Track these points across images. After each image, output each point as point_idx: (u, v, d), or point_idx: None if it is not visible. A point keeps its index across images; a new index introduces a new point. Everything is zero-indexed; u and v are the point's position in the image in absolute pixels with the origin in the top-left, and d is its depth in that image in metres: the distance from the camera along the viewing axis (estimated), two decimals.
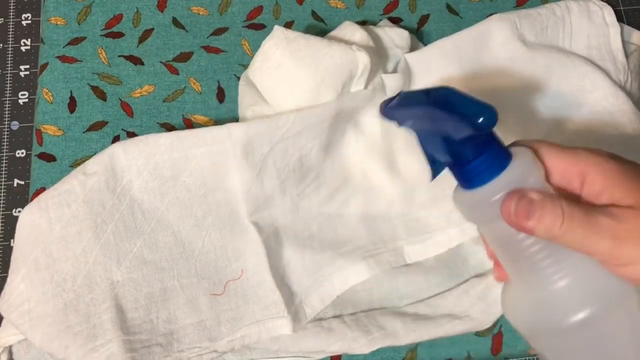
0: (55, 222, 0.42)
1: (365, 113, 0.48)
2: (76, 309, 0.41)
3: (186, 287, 0.44)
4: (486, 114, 0.28)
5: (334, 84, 0.45)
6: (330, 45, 0.46)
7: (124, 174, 0.44)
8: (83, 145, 0.50)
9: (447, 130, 0.29)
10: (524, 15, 0.51)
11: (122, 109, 0.51)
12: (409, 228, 0.48)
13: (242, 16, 0.55)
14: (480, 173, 0.29)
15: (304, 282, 0.45)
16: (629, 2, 0.59)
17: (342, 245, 0.47)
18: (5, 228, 0.53)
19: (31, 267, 0.41)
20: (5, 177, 0.55)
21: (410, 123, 0.31)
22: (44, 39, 0.53)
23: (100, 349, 0.40)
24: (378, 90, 0.47)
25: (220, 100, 0.52)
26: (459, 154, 0.30)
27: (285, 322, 0.43)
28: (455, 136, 0.29)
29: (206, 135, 0.44)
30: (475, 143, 0.29)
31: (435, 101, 0.29)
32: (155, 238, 0.44)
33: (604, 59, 0.52)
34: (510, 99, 0.50)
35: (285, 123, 0.44)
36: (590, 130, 0.49)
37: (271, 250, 0.45)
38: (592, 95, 0.50)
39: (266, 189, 0.45)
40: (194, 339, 0.43)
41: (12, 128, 0.56)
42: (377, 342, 0.44)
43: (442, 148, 0.30)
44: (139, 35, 0.54)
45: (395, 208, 0.48)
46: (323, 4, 0.56)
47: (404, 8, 0.57)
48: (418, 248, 0.47)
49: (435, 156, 0.31)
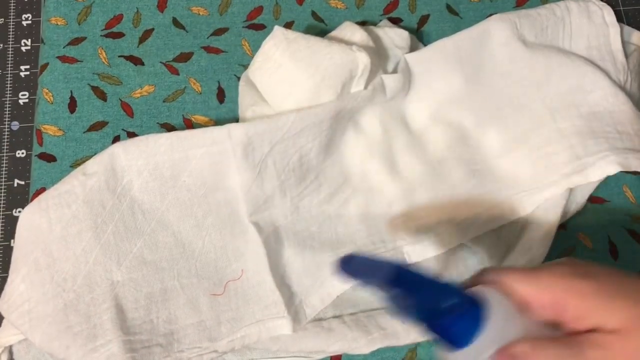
0: (55, 223, 0.42)
1: (365, 113, 0.49)
2: (76, 309, 0.41)
3: (186, 287, 0.44)
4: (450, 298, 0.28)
5: (334, 85, 0.45)
6: (331, 45, 0.46)
7: (124, 174, 0.44)
8: (83, 145, 0.50)
9: (415, 304, 0.29)
10: (523, 16, 0.51)
11: (122, 109, 0.51)
12: (408, 228, 0.48)
13: (242, 16, 0.55)
14: (461, 335, 0.28)
15: (304, 282, 0.45)
16: (628, 2, 0.59)
17: (342, 245, 0.47)
18: (5, 228, 0.53)
19: (31, 267, 0.41)
20: (6, 177, 0.55)
21: (370, 289, 0.30)
22: (44, 39, 0.53)
23: (100, 349, 0.40)
24: (378, 90, 0.47)
25: (221, 101, 0.52)
26: (435, 323, 0.29)
27: (285, 322, 0.43)
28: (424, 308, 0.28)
29: (206, 136, 0.44)
30: (449, 310, 0.28)
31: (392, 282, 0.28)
32: (156, 238, 0.44)
33: (604, 59, 0.52)
34: (510, 100, 0.51)
35: (285, 123, 0.44)
36: (590, 130, 0.49)
37: (271, 250, 0.45)
38: (591, 96, 0.50)
39: (266, 189, 0.45)
40: (194, 339, 0.43)
41: (13, 128, 0.56)
42: (377, 342, 0.44)
43: (415, 316, 0.29)
44: (139, 35, 0.54)
45: (395, 208, 0.48)
46: (323, 4, 0.56)
47: (404, 8, 0.57)
48: (418, 248, 0.47)
49: (408, 320, 0.30)
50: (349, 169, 0.49)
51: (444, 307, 0.28)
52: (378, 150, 0.49)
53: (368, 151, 0.49)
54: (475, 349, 0.28)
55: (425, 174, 0.49)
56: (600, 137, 0.48)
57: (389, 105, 0.49)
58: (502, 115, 0.50)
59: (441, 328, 0.29)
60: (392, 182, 0.48)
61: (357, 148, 0.49)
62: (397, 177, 0.49)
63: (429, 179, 0.49)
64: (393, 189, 0.48)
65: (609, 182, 0.50)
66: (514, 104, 0.50)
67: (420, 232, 0.48)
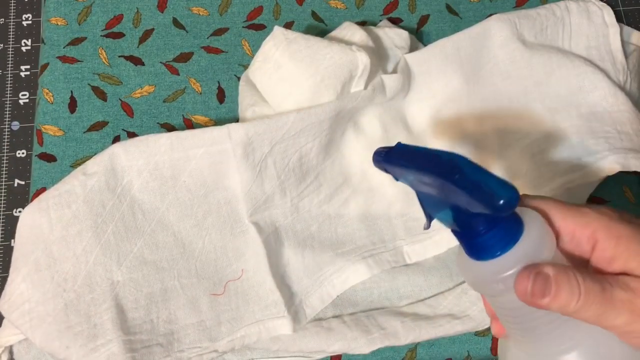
0: (55, 222, 0.42)
1: (365, 113, 0.49)
2: (77, 309, 0.41)
3: (186, 287, 0.44)
4: (507, 196, 0.25)
5: (334, 85, 0.46)
6: (330, 45, 0.46)
7: (124, 174, 0.44)
8: (83, 145, 0.50)
9: (456, 202, 0.27)
10: (523, 16, 0.51)
11: (122, 109, 0.51)
12: (408, 228, 0.48)
13: (242, 16, 0.55)
14: (492, 245, 0.27)
15: (304, 282, 0.45)
16: (628, 3, 0.59)
17: (342, 245, 0.47)
18: (5, 228, 0.54)
19: (32, 267, 0.41)
20: (6, 177, 0.55)
21: (409, 181, 0.29)
22: (45, 39, 0.53)
23: (100, 349, 0.40)
24: (378, 90, 0.47)
25: (221, 101, 0.52)
26: (468, 225, 0.27)
27: (285, 322, 0.43)
28: (466, 209, 0.26)
29: (206, 136, 0.44)
30: (489, 217, 0.26)
31: (445, 172, 0.26)
32: (156, 238, 0.44)
33: (604, 59, 0.52)
34: (510, 100, 0.51)
35: (285, 123, 0.44)
36: (590, 130, 0.49)
37: (271, 250, 0.45)
38: (591, 96, 0.50)
39: (266, 189, 0.45)
40: (194, 339, 0.43)
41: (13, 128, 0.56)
42: (377, 342, 0.44)
43: (448, 215, 0.28)
44: (139, 35, 0.54)
45: (395, 208, 0.49)
46: (323, 5, 0.56)
47: (404, 8, 0.57)
48: (417, 248, 0.47)
49: (437, 218, 0.29)
50: (348, 169, 0.49)
51: (486, 216, 0.26)
52: None
53: (368, 151, 0.49)
54: (501, 262, 0.27)
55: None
56: (600, 137, 0.48)
57: (388, 105, 0.49)
58: (502, 115, 0.50)
59: (475, 234, 0.27)
60: (392, 182, 0.48)
61: (357, 148, 0.49)
62: None
63: None
64: (393, 189, 0.48)
65: (609, 182, 0.50)
66: (513, 104, 0.50)
67: (419, 232, 0.48)
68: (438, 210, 0.28)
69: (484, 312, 0.45)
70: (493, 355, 0.47)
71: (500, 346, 0.32)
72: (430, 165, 0.27)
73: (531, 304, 0.27)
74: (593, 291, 0.27)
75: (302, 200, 0.47)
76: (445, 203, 0.27)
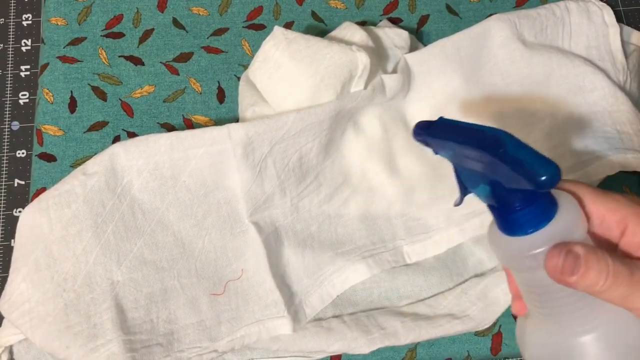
0: (55, 222, 0.42)
1: (365, 113, 0.49)
2: (77, 309, 0.41)
3: (186, 287, 0.44)
4: (550, 173, 0.25)
5: (334, 84, 0.46)
6: (330, 45, 0.46)
7: (124, 174, 0.44)
8: (83, 145, 0.50)
9: (497, 177, 0.27)
10: (523, 16, 0.51)
11: (122, 109, 0.51)
12: (408, 228, 0.48)
13: (242, 16, 0.55)
14: (526, 222, 0.28)
15: (304, 282, 0.45)
16: (628, 3, 0.59)
17: (342, 245, 0.47)
18: (5, 228, 0.54)
19: (32, 267, 0.41)
20: (6, 177, 0.55)
21: (449, 155, 0.30)
22: (45, 39, 0.53)
23: (100, 348, 0.40)
24: (378, 90, 0.47)
25: (221, 101, 0.52)
26: (505, 201, 0.28)
27: (285, 322, 0.43)
28: (505, 184, 0.27)
29: (206, 136, 0.44)
30: (527, 194, 0.27)
31: (490, 146, 0.27)
32: (156, 238, 0.44)
33: (604, 59, 0.52)
34: (510, 100, 0.51)
35: (285, 123, 0.44)
36: (590, 130, 0.49)
37: (271, 250, 0.45)
38: (591, 96, 0.50)
39: (266, 188, 0.45)
40: (194, 339, 0.43)
41: (13, 128, 0.56)
42: (377, 342, 0.44)
43: (486, 190, 0.28)
44: (139, 35, 0.54)
45: (395, 208, 0.49)
46: (323, 5, 0.56)
47: (404, 8, 0.57)
48: (417, 248, 0.47)
49: (473, 191, 0.29)
50: (348, 168, 0.49)
51: (525, 192, 0.27)
52: (378, 150, 0.49)
53: (368, 151, 0.49)
54: (534, 239, 0.28)
55: (425, 174, 0.49)
56: (600, 137, 0.48)
57: (388, 105, 0.49)
58: (501, 115, 0.50)
59: (511, 209, 0.28)
60: (392, 182, 0.48)
61: (357, 148, 0.49)
62: (396, 177, 0.49)
63: (429, 179, 0.49)
64: (393, 189, 0.48)
65: (609, 182, 0.50)
66: (513, 104, 0.50)
67: (419, 232, 0.48)
68: (476, 185, 0.29)
69: (484, 312, 0.45)
70: (493, 355, 0.47)
71: (519, 325, 0.32)
72: (474, 139, 0.28)
73: (560, 281, 0.27)
74: (621, 273, 0.27)
75: (302, 200, 0.47)
76: (485, 178, 0.28)
